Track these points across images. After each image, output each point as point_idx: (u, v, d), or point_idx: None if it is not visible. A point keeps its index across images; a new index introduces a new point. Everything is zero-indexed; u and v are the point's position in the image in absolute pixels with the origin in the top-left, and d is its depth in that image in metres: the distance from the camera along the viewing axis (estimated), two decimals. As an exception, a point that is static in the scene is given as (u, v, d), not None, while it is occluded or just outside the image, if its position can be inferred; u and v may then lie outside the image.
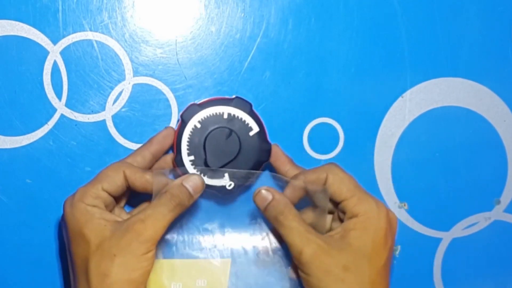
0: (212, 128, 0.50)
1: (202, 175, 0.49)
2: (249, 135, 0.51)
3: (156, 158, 0.51)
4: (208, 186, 0.49)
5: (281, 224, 0.46)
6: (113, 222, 0.45)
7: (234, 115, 0.51)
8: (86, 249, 0.44)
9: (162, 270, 0.50)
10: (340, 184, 0.47)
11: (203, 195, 0.51)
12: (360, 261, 0.45)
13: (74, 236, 0.45)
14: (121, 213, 0.50)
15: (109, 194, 0.47)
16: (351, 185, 0.47)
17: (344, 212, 0.48)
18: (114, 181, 0.47)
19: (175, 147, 0.50)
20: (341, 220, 0.48)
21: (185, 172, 0.50)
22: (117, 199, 0.49)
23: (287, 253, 0.50)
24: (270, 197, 0.47)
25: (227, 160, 0.50)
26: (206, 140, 0.50)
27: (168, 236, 0.51)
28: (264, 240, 0.52)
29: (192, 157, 0.50)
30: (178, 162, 0.50)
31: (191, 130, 0.50)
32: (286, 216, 0.46)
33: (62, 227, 0.47)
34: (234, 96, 0.51)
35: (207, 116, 0.50)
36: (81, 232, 0.44)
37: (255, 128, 0.51)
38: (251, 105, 0.51)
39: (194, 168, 0.50)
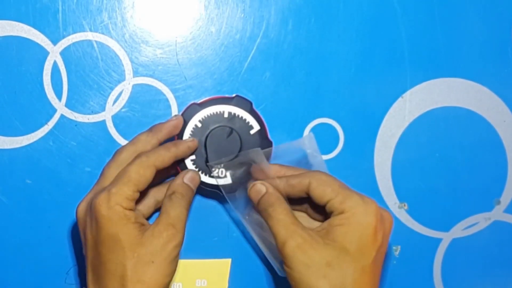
0: (212, 127, 0.50)
1: (204, 174, 0.50)
2: (249, 134, 0.51)
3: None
4: (211, 186, 0.50)
5: (269, 216, 0.46)
6: (143, 226, 0.45)
7: (234, 114, 0.51)
8: (121, 255, 0.43)
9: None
10: (324, 186, 0.46)
11: (207, 195, 0.51)
12: (344, 258, 0.44)
13: (107, 239, 0.44)
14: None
15: (140, 192, 0.46)
16: (335, 185, 0.46)
17: (332, 212, 0.46)
18: (148, 180, 0.46)
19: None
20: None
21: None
22: None
23: None
24: (264, 190, 0.47)
25: (228, 159, 0.50)
26: (207, 139, 0.50)
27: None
28: None
29: (193, 156, 0.50)
30: (179, 161, 0.50)
31: (192, 129, 0.50)
32: (275, 209, 0.46)
33: (88, 226, 0.45)
34: (234, 95, 0.51)
35: (207, 115, 0.50)
36: (117, 237, 0.43)
37: (256, 127, 0.51)
38: (251, 104, 0.51)
39: (196, 168, 0.50)
